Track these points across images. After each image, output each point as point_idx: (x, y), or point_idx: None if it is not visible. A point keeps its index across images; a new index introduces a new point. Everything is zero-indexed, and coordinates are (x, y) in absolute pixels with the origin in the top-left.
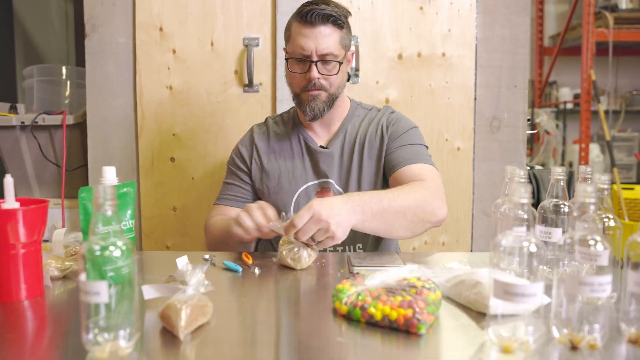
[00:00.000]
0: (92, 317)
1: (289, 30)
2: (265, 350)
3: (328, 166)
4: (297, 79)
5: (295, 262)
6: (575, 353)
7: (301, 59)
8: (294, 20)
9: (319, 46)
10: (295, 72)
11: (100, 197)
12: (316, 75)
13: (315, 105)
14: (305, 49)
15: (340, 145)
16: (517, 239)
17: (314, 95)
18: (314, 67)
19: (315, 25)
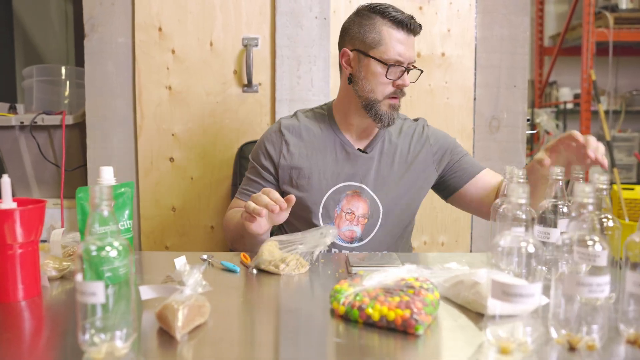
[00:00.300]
0: (89, 317)
1: (376, 33)
2: (262, 350)
3: (365, 171)
4: (385, 85)
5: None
6: (574, 354)
7: (400, 66)
8: (384, 24)
9: (413, 55)
10: (391, 79)
11: (97, 197)
12: (409, 83)
13: (395, 114)
14: (404, 56)
15: (380, 151)
16: (515, 239)
17: (396, 105)
18: (406, 75)
19: (411, 34)
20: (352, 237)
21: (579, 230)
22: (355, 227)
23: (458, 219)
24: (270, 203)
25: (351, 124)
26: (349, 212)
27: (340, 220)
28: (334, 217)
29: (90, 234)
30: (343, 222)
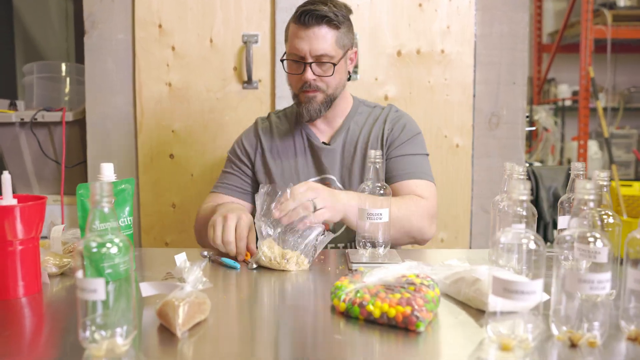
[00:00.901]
0: (89, 314)
1: (287, 31)
2: (263, 347)
3: (330, 163)
4: (294, 80)
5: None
6: (575, 351)
7: (296, 60)
8: (291, 22)
9: (313, 47)
10: (291, 73)
11: (97, 194)
12: (310, 77)
13: (312, 107)
14: (299, 50)
15: (343, 142)
16: (516, 236)
17: (309, 96)
18: (308, 68)
19: (309, 27)
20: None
21: (580, 227)
22: None
23: (457, 215)
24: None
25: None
26: None
27: None
28: None
29: (91, 231)
30: None
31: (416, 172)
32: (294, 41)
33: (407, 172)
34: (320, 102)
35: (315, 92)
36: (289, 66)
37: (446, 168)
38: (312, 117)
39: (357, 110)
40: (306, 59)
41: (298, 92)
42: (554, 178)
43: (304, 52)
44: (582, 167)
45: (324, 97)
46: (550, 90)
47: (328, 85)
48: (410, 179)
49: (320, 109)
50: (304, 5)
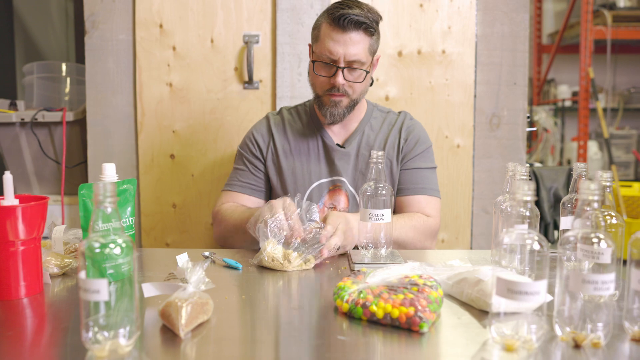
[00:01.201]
0: (92, 315)
1: (317, 30)
2: (265, 348)
3: (343, 165)
4: (321, 82)
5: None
6: (579, 351)
7: (328, 62)
8: (324, 21)
9: (348, 52)
10: (320, 75)
11: (101, 194)
12: (341, 81)
13: (337, 111)
14: (333, 53)
15: (357, 146)
16: (520, 237)
17: (335, 100)
18: (340, 73)
19: (346, 31)
20: None
21: (583, 228)
22: None
23: (458, 216)
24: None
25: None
26: (331, 207)
27: (323, 214)
28: (317, 212)
29: (94, 231)
30: None
31: (426, 187)
32: (327, 43)
33: (418, 186)
34: (345, 107)
35: (342, 97)
36: (319, 68)
37: (447, 168)
38: (335, 121)
39: (371, 114)
40: (339, 62)
41: (322, 94)
42: (555, 179)
43: (338, 55)
44: (585, 167)
45: (349, 102)
46: (550, 91)
47: (354, 90)
48: (420, 194)
49: (344, 113)
50: (340, 6)
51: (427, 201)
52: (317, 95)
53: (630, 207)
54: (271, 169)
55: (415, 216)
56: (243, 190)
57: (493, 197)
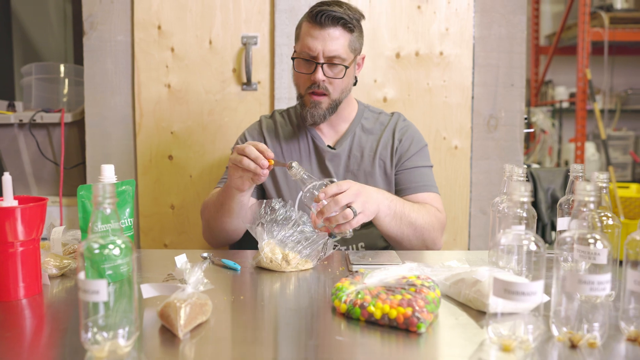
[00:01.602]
0: (91, 315)
1: (299, 29)
2: (264, 348)
3: (334, 167)
4: (303, 80)
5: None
6: (575, 352)
7: (308, 59)
8: (304, 20)
9: (327, 48)
10: (301, 72)
11: (100, 195)
12: (321, 77)
13: (316, 112)
14: (312, 49)
15: (349, 147)
16: (517, 237)
17: (315, 101)
18: (319, 68)
19: (324, 27)
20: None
21: (580, 229)
22: None
23: (456, 217)
24: (259, 159)
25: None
26: None
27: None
28: (310, 213)
29: (93, 232)
30: None
31: (427, 185)
32: (306, 40)
33: (419, 184)
34: (325, 108)
35: (322, 97)
36: (299, 65)
37: (445, 170)
38: (315, 122)
39: (362, 115)
40: (318, 59)
41: (304, 94)
42: (552, 180)
43: (317, 51)
44: (581, 168)
45: (330, 103)
46: (548, 92)
47: (335, 88)
48: (421, 192)
49: (325, 114)
50: (319, 5)
51: (431, 198)
52: (300, 94)
53: (628, 208)
54: None
55: (428, 207)
56: None
57: (491, 199)
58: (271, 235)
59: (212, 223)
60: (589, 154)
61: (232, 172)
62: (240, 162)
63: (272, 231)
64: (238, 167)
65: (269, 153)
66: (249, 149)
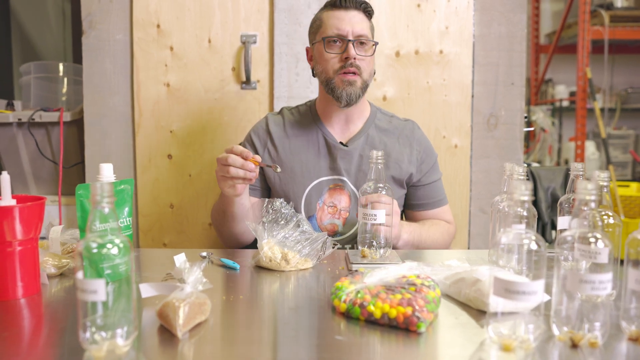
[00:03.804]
0: (90, 315)
1: (318, 21)
2: (263, 348)
3: (346, 164)
4: (332, 61)
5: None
6: (576, 351)
7: (337, 39)
8: (324, 10)
9: (355, 27)
10: (331, 52)
11: (98, 194)
12: (354, 53)
13: (352, 90)
14: (341, 29)
15: (362, 147)
16: (517, 237)
17: (350, 80)
18: (351, 45)
19: (348, 9)
20: (334, 231)
21: (581, 228)
22: (337, 220)
23: (456, 216)
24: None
25: (331, 116)
26: (331, 206)
27: (323, 213)
28: (317, 210)
29: (91, 231)
30: (325, 215)
31: (443, 198)
32: (333, 22)
33: (436, 200)
34: (359, 87)
35: (355, 76)
36: (329, 45)
37: (444, 169)
38: (350, 101)
39: (375, 116)
40: (348, 36)
41: (334, 76)
42: (552, 179)
43: (346, 31)
44: (582, 167)
45: (362, 83)
46: (548, 91)
47: (365, 68)
48: (439, 206)
49: (359, 93)
50: None
51: (444, 211)
52: (329, 78)
53: (628, 207)
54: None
55: (440, 223)
56: None
57: (490, 197)
58: (271, 235)
59: (220, 229)
60: (589, 153)
61: (222, 184)
62: (228, 172)
63: (273, 231)
64: (227, 178)
65: (249, 154)
66: (231, 159)
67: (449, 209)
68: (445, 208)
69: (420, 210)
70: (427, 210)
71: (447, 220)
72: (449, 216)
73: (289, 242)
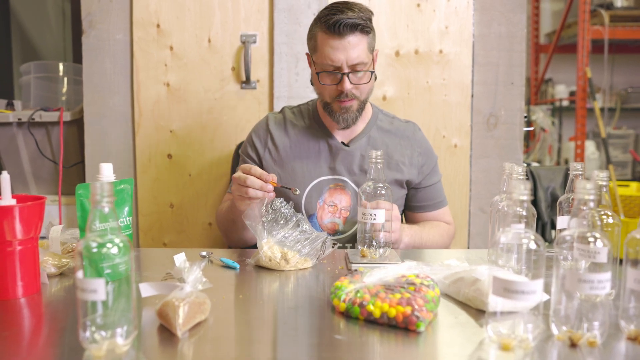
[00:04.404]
0: (90, 314)
1: (314, 40)
2: (263, 347)
3: (347, 165)
4: (329, 90)
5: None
6: (575, 350)
7: (331, 71)
8: (319, 30)
9: (349, 57)
10: (326, 84)
11: (98, 194)
12: (349, 86)
13: (349, 116)
14: (335, 60)
15: (364, 147)
16: (516, 236)
17: (346, 107)
18: (345, 79)
19: (343, 36)
20: (335, 230)
21: (580, 227)
22: (337, 219)
23: (455, 216)
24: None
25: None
26: (331, 205)
27: (323, 212)
28: (317, 209)
29: (91, 231)
30: (325, 214)
31: (442, 200)
32: (327, 51)
33: (437, 201)
34: (355, 110)
35: (352, 101)
36: (324, 78)
37: (444, 168)
38: (348, 125)
39: (377, 118)
40: (342, 69)
41: (331, 102)
42: (552, 178)
43: (340, 62)
44: (581, 167)
45: (359, 104)
46: (548, 91)
47: (362, 92)
48: (439, 208)
49: (357, 115)
50: (331, 12)
51: (444, 212)
52: (327, 103)
53: (628, 206)
54: (270, 167)
55: (440, 225)
56: None
57: (490, 197)
58: (271, 235)
59: (229, 235)
60: (589, 153)
61: (239, 202)
62: (247, 193)
63: (272, 230)
64: (244, 197)
65: (269, 176)
66: (250, 181)
67: (448, 210)
68: (445, 210)
69: (420, 212)
70: (427, 212)
71: (446, 222)
72: (449, 217)
73: (288, 241)
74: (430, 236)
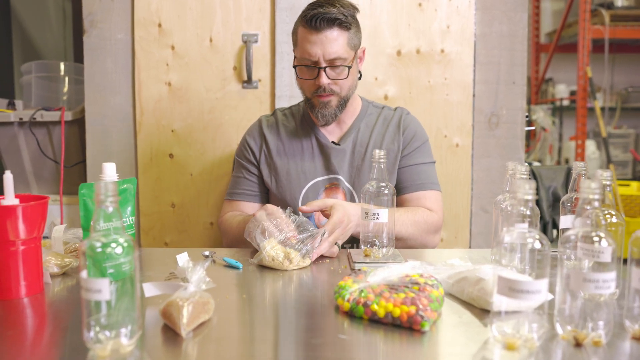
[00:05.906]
0: (94, 314)
1: (295, 35)
2: (267, 347)
3: (339, 162)
4: (307, 85)
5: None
6: (580, 350)
7: (309, 65)
8: (299, 25)
9: (326, 51)
10: (304, 78)
11: (102, 194)
12: (325, 81)
13: (327, 111)
14: (312, 55)
15: (353, 143)
16: (521, 236)
17: (325, 101)
18: (322, 73)
19: (320, 30)
20: None
21: (584, 227)
22: None
23: (457, 215)
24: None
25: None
26: None
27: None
28: None
29: (95, 230)
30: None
31: (426, 182)
32: (305, 46)
33: (418, 183)
34: (335, 106)
35: (330, 96)
36: (302, 72)
37: (446, 168)
38: (327, 122)
39: (366, 111)
40: (319, 63)
41: (311, 97)
42: (553, 178)
43: (317, 56)
44: (584, 166)
45: (338, 100)
46: (548, 90)
47: (342, 87)
48: (420, 190)
49: (336, 112)
50: (312, 7)
51: (427, 196)
52: (307, 98)
53: (628, 206)
54: (265, 170)
55: (418, 211)
56: (242, 198)
57: (492, 196)
58: (273, 235)
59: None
60: (590, 152)
61: None
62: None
63: (274, 233)
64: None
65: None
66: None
67: (436, 197)
68: (429, 193)
69: (402, 193)
70: (408, 193)
71: (427, 207)
72: (433, 204)
73: (290, 241)
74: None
